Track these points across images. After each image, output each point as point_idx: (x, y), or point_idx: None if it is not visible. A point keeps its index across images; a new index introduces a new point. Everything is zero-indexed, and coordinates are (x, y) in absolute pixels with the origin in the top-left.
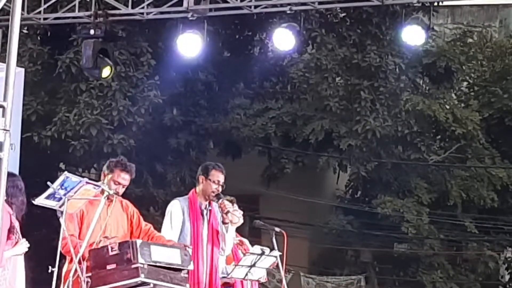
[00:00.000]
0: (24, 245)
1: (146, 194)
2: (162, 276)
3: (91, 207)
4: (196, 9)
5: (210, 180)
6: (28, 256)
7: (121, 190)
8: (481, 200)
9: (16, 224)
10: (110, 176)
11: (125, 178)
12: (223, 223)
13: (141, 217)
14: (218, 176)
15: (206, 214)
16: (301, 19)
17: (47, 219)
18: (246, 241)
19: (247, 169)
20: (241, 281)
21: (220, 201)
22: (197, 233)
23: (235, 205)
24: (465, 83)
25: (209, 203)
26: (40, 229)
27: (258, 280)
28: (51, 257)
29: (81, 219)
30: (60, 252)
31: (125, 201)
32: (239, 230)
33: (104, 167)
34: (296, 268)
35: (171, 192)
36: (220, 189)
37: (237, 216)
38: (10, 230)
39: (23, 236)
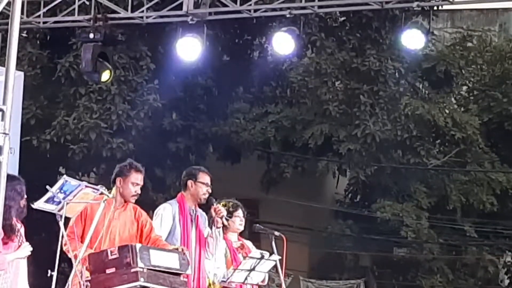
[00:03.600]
0: (27, 249)
1: (146, 199)
2: (161, 280)
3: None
4: (196, 13)
5: (199, 183)
6: (27, 260)
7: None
8: (481, 204)
9: (20, 227)
10: (128, 179)
11: (140, 179)
12: (217, 227)
13: (153, 228)
14: (206, 178)
15: (194, 218)
16: (301, 23)
17: (47, 223)
18: (249, 243)
19: (246, 173)
20: (240, 285)
21: (215, 205)
22: (187, 238)
23: (240, 211)
24: (464, 88)
25: (196, 207)
26: (39, 233)
27: (257, 284)
28: (51, 261)
29: (84, 220)
30: (60, 256)
31: (139, 210)
32: (239, 234)
33: (117, 174)
34: (296, 272)
35: (171, 197)
36: (210, 191)
37: (237, 223)
38: (14, 233)
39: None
